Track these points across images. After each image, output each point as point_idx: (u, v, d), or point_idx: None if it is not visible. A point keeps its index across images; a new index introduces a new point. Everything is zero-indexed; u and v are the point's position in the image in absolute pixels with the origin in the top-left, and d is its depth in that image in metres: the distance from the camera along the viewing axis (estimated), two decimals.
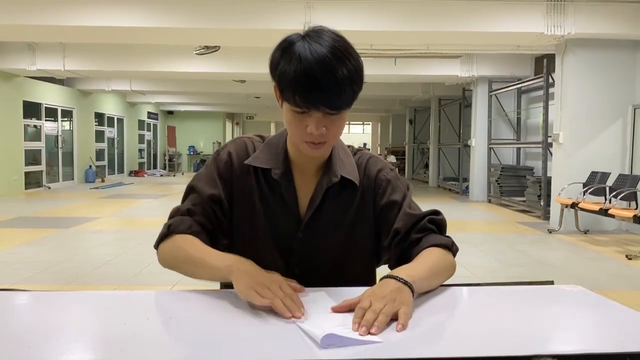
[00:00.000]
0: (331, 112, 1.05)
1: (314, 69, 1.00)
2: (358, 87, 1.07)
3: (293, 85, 1.02)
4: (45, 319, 0.97)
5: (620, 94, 7.57)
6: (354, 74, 1.04)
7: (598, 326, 0.98)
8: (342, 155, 1.24)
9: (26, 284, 4.40)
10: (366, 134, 32.52)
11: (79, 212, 9.32)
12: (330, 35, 1.05)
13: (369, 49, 8.43)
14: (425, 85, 14.55)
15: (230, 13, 6.98)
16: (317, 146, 1.10)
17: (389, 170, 1.27)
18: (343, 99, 1.04)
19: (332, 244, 1.22)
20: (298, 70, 1.01)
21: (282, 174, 1.20)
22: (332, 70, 1.01)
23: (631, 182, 6.81)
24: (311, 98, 1.03)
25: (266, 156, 1.21)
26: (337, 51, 1.03)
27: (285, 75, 1.03)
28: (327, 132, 1.08)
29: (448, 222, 1.27)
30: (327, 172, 1.20)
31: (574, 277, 5.03)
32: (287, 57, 1.04)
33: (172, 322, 0.94)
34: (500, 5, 7.04)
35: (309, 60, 1.01)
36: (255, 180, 1.22)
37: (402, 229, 1.19)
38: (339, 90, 1.02)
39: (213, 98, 18.58)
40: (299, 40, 1.04)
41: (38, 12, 6.90)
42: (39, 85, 13.09)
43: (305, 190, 1.22)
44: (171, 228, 1.17)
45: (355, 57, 1.06)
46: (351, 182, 1.22)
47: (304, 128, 1.08)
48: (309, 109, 1.05)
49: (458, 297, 1.16)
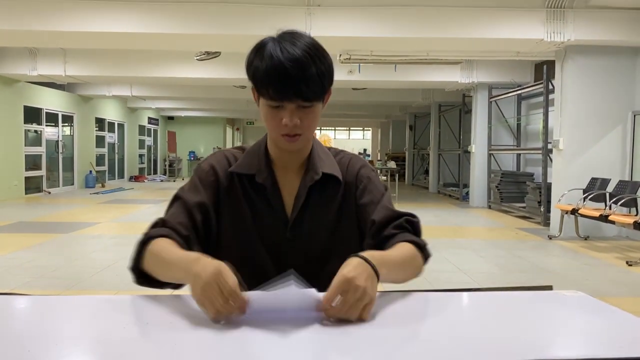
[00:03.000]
0: (303, 103, 1.11)
1: (284, 63, 1.07)
2: (327, 82, 1.13)
3: (266, 79, 1.10)
4: (44, 323, 0.97)
5: (620, 100, 7.59)
6: (322, 68, 1.11)
7: (599, 332, 0.98)
8: (322, 155, 1.29)
9: (25, 289, 4.40)
10: (366, 140, 32.54)
11: (79, 217, 9.32)
12: (302, 37, 1.13)
13: (369, 55, 8.47)
14: (425, 92, 14.59)
15: (231, 19, 7.01)
16: (292, 138, 1.16)
17: (369, 169, 1.32)
18: (313, 89, 1.10)
19: (319, 241, 1.25)
20: (269, 65, 1.08)
21: (265, 178, 1.24)
22: (301, 63, 1.08)
23: (631, 188, 6.81)
24: (283, 90, 1.09)
25: (249, 162, 1.26)
26: (307, 49, 1.10)
27: (258, 71, 1.11)
28: (302, 124, 1.14)
29: (448, 228, 1.29)
30: (309, 171, 1.24)
31: (574, 283, 5.02)
32: (260, 55, 1.11)
33: (173, 327, 0.94)
34: (500, 12, 7.06)
35: (279, 56, 1.08)
36: (240, 188, 1.25)
37: (379, 221, 1.22)
38: (308, 81, 1.09)
39: (213, 104, 18.61)
40: (271, 41, 1.12)
41: (39, 17, 6.93)
42: (40, 91, 13.12)
43: (289, 191, 1.25)
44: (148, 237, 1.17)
45: (325, 55, 1.13)
46: (333, 179, 1.26)
47: (279, 121, 1.13)
48: (282, 101, 1.11)
49: (458, 303, 1.16)
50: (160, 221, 1.21)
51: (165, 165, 22.56)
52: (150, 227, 1.21)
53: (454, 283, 4.76)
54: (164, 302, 1.07)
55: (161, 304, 1.06)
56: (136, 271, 1.16)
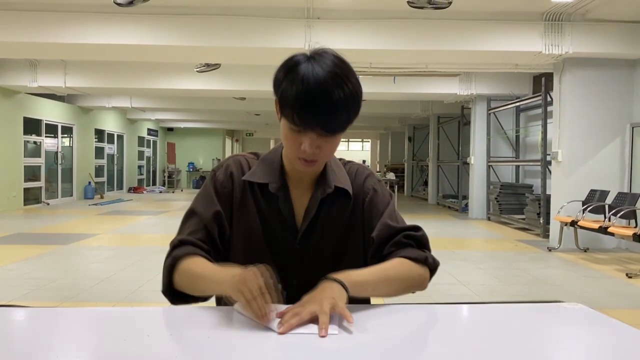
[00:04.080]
0: (326, 133, 1.11)
1: (313, 92, 1.05)
2: (354, 112, 1.12)
3: (292, 104, 1.08)
4: (44, 335, 0.97)
5: (618, 112, 7.62)
6: (349, 99, 1.08)
7: (599, 344, 0.98)
8: (335, 168, 1.30)
9: (24, 301, 4.38)
10: (365, 151, 32.59)
11: (78, 228, 9.30)
12: (332, 60, 1.10)
13: (368, 67, 8.50)
14: (424, 103, 14.64)
15: (231, 31, 7.05)
16: (309, 163, 1.16)
17: (375, 180, 1.33)
18: (338, 122, 1.10)
19: (328, 252, 1.26)
20: (299, 91, 1.06)
21: (278, 188, 1.24)
22: (329, 94, 1.06)
23: (630, 200, 6.81)
24: (308, 119, 1.08)
25: (263, 172, 1.26)
26: (337, 76, 1.08)
27: (286, 94, 1.09)
28: (320, 152, 1.14)
29: (448, 240, 1.30)
30: (322, 184, 1.25)
31: (574, 295, 5.01)
32: (290, 77, 1.09)
33: (173, 339, 0.94)
34: (499, 24, 7.11)
35: (309, 82, 1.06)
36: (252, 196, 1.26)
37: (377, 239, 1.24)
38: (334, 114, 1.08)
39: (213, 115, 18.66)
40: (303, 62, 1.09)
41: (40, 29, 6.97)
42: (40, 102, 13.15)
43: (301, 202, 1.26)
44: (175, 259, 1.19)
45: (353, 82, 1.11)
46: (344, 192, 1.27)
47: (299, 145, 1.13)
48: (304, 129, 1.10)
49: (459, 316, 1.16)
50: (179, 241, 1.22)
51: (164, 176, 22.56)
52: (172, 248, 1.22)
53: (454, 295, 4.74)
54: (164, 314, 1.07)
55: (161, 316, 1.06)
56: (169, 293, 1.19)
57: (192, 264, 1.16)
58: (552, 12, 6.95)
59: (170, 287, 1.19)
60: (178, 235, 1.25)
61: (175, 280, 1.18)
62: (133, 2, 5.73)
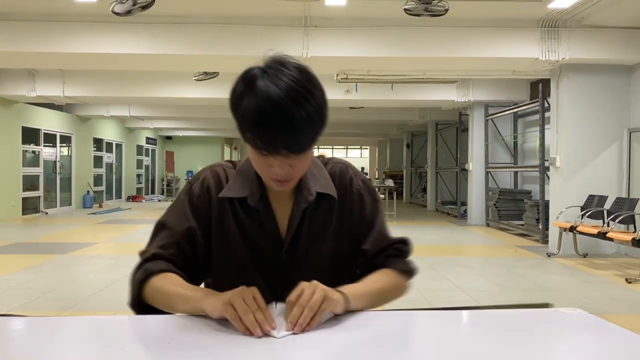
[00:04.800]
0: (294, 154, 1.05)
1: (272, 116, 0.98)
2: (319, 126, 1.04)
3: (253, 129, 1.02)
4: (41, 344, 0.96)
5: (616, 118, 7.64)
6: (313, 115, 1.01)
7: (597, 349, 0.98)
8: (315, 170, 1.23)
9: (22, 311, 4.36)
10: (364, 158, 32.65)
11: (76, 237, 9.28)
12: (290, 74, 1.01)
13: (365, 74, 8.53)
14: (422, 110, 14.68)
15: (228, 40, 7.07)
16: (283, 183, 1.11)
17: (360, 181, 1.28)
18: (303, 141, 1.03)
19: (316, 260, 1.22)
20: (257, 116, 1.00)
21: (258, 200, 1.18)
22: (289, 116, 0.98)
23: (629, 205, 6.82)
24: (271, 143, 1.02)
25: (240, 185, 1.20)
26: (296, 93, 0.99)
27: (245, 118, 1.03)
28: (293, 170, 1.08)
29: (447, 246, 1.31)
30: (302, 192, 1.19)
31: (574, 301, 5.00)
32: (247, 99, 1.02)
33: (171, 348, 0.94)
34: (496, 31, 7.15)
35: (266, 106, 0.99)
36: (231, 211, 1.20)
37: (370, 251, 1.23)
38: (298, 134, 1.01)
39: (211, 123, 18.67)
40: (259, 78, 1.02)
41: (38, 39, 6.99)
42: (38, 111, 13.17)
43: (283, 212, 1.21)
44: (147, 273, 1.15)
45: (316, 94, 1.03)
46: (327, 196, 1.22)
47: (269, 168, 1.07)
48: (270, 153, 1.04)
49: (458, 321, 1.16)
50: (152, 255, 1.17)
51: (163, 185, 22.55)
52: (144, 260, 1.18)
53: (454, 302, 4.73)
54: (162, 322, 1.06)
55: (159, 324, 1.05)
56: (136, 307, 1.16)
57: (167, 281, 1.11)
58: (549, 18, 6.99)
59: (139, 302, 1.14)
60: (149, 247, 1.20)
61: (146, 295, 1.13)
62: (131, 11, 5.75)
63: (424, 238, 9.06)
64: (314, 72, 1.07)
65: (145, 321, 1.09)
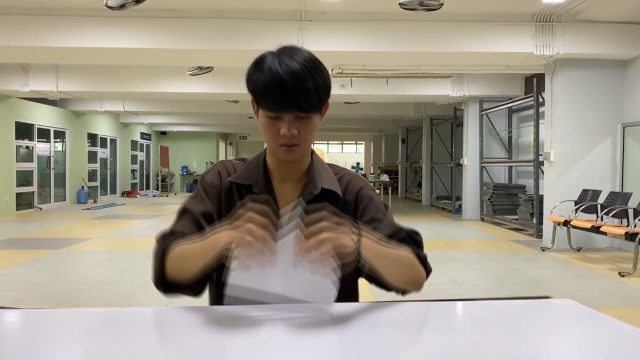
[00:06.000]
0: (301, 114, 1.14)
1: (283, 76, 1.10)
2: (324, 94, 1.16)
3: (264, 90, 1.13)
4: (35, 337, 0.96)
5: (609, 112, 7.67)
6: (319, 81, 1.13)
7: (590, 338, 0.99)
8: (321, 170, 1.29)
9: (17, 306, 4.34)
10: (359, 154, 32.65)
11: (71, 233, 9.25)
12: (300, 51, 1.15)
13: (360, 69, 8.53)
14: (417, 105, 14.69)
15: (223, 34, 7.05)
16: (290, 148, 1.18)
17: (370, 189, 1.32)
18: (310, 100, 1.13)
19: None
20: (269, 77, 1.11)
21: (262, 189, 1.25)
22: (298, 76, 1.11)
23: (622, 199, 6.85)
24: (281, 101, 1.12)
25: (247, 174, 1.28)
26: (305, 62, 1.12)
27: (257, 83, 1.14)
28: (299, 135, 1.16)
29: (442, 241, 1.31)
30: (308, 185, 1.25)
31: (568, 294, 5.03)
32: (259, 68, 1.14)
33: (164, 339, 0.94)
34: (490, 26, 7.15)
35: (277, 69, 1.11)
36: (238, 197, 1.26)
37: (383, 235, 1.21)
38: (305, 93, 1.11)
39: (206, 118, 18.64)
40: (270, 56, 1.15)
41: (31, 33, 6.95)
42: (32, 106, 13.09)
43: (286, 203, 1.25)
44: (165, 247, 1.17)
45: (322, 69, 1.15)
46: (331, 195, 1.26)
47: (277, 131, 1.16)
48: (280, 112, 1.13)
49: (452, 313, 1.17)
50: (169, 232, 1.22)
51: (157, 180, 22.49)
52: (160, 238, 1.21)
53: (448, 295, 4.74)
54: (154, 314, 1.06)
55: (152, 315, 1.05)
56: (161, 283, 1.17)
57: (182, 245, 1.15)
58: (543, 13, 7.00)
59: (162, 276, 1.16)
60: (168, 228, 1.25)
61: (168, 267, 1.15)
62: (125, 5, 5.72)
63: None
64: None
65: (138, 313, 1.09)
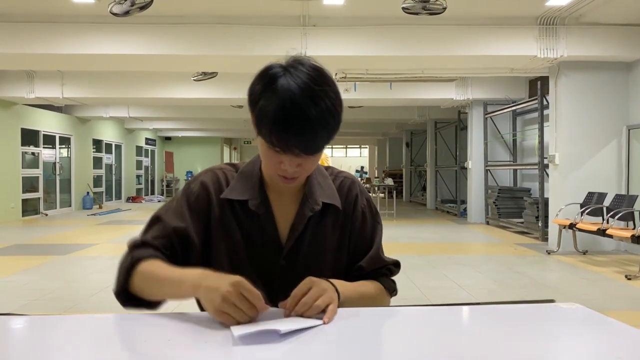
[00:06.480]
0: (306, 154, 1.08)
1: (290, 113, 1.01)
2: (333, 128, 1.07)
3: (270, 126, 1.03)
4: (41, 343, 0.96)
5: (614, 115, 7.65)
6: (327, 116, 1.04)
7: (596, 342, 0.98)
8: (320, 179, 1.25)
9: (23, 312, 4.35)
10: (363, 157, 32.64)
11: (76, 239, 9.28)
12: (307, 73, 1.05)
13: (364, 73, 8.54)
14: (421, 109, 14.69)
15: (227, 40, 7.07)
16: (290, 180, 1.13)
17: (365, 199, 1.31)
18: (317, 143, 1.06)
19: (315, 268, 1.20)
20: (280, 113, 1.02)
21: (259, 204, 1.20)
22: (306, 116, 1.01)
23: (628, 202, 6.82)
24: (287, 142, 1.04)
25: (242, 187, 1.21)
26: (312, 92, 1.02)
27: (265, 110, 1.04)
28: (301, 169, 1.11)
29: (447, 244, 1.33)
30: (308, 200, 1.21)
31: (574, 297, 5.01)
32: (268, 94, 1.04)
33: (170, 345, 0.94)
34: (494, 29, 7.15)
35: (286, 103, 1.01)
36: (232, 213, 1.21)
37: (365, 269, 1.27)
38: (313, 135, 1.04)
39: (211, 123, 18.68)
40: (281, 75, 1.04)
41: (36, 40, 6.99)
42: (37, 113, 13.17)
43: (284, 217, 1.22)
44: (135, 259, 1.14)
45: (331, 95, 1.05)
46: (332, 206, 1.24)
47: (279, 164, 1.10)
48: (284, 151, 1.06)
49: (457, 317, 1.16)
50: (140, 242, 1.18)
51: (162, 185, 22.55)
52: (131, 248, 1.17)
53: (454, 299, 4.73)
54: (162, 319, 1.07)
55: (159, 321, 1.06)
56: (122, 295, 1.15)
57: (155, 266, 1.11)
58: (547, 16, 6.99)
59: (125, 288, 1.13)
60: (140, 237, 1.20)
61: (133, 282, 1.13)
62: (129, 12, 5.75)
63: (423, 236, 9.07)
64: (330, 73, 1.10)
65: (145, 318, 1.09)
